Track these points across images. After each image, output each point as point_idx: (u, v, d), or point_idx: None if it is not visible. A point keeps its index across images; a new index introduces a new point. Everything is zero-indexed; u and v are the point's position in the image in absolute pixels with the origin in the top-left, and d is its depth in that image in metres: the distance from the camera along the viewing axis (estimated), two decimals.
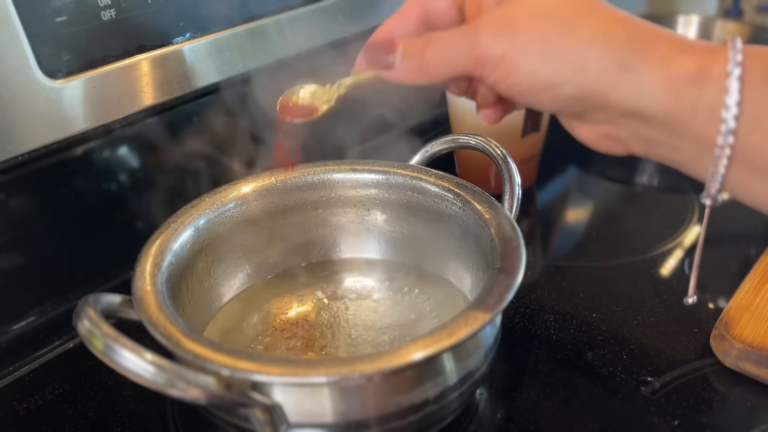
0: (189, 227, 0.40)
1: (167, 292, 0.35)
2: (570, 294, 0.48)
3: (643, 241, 0.54)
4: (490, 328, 0.35)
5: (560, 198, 0.64)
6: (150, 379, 0.28)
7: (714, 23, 0.88)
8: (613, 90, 0.28)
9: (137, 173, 0.50)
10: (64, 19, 0.42)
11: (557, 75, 0.28)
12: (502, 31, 0.29)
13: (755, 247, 0.51)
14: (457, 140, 0.46)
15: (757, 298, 0.44)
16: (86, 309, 0.30)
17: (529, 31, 0.28)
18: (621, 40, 0.28)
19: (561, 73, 0.28)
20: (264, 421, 0.30)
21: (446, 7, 0.33)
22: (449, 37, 0.30)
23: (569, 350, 0.43)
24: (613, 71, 0.28)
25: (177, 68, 0.49)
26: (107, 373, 0.42)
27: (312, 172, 0.46)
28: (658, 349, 0.43)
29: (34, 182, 0.45)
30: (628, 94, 0.28)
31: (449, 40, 0.30)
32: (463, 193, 0.41)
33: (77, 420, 0.40)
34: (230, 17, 0.51)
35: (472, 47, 0.29)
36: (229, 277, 0.45)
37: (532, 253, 0.54)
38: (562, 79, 0.28)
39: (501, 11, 0.29)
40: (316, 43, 0.58)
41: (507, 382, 0.41)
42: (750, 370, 0.40)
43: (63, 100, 0.43)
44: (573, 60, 0.28)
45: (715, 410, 0.39)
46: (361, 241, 0.48)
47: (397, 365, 0.29)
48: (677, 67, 0.27)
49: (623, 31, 0.28)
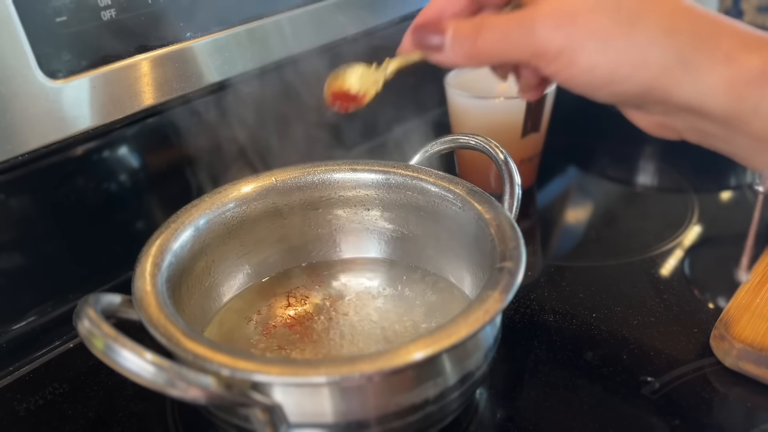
0: (189, 227, 0.40)
1: (167, 292, 0.35)
2: (570, 294, 0.48)
3: (643, 241, 0.54)
4: (490, 328, 0.35)
5: (560, 198, 0.64)
6: (150, 379, 0.28)
7: None
8: (674, 87, 0.28)
9: (137, 173, 0.50)
10: (64, 19, 0.42)
11: (618, 71, 0.28)
12: (562, 23, 0.28)
13: (755, 247, 0.51)
14: (457, 140, 0.46)
15: (757, 298, 0.44)
16: (86, 309, 0.30)
17: (590, 25, 0.28)
18: (684, 36, 0.27)
19: (621, 69, 0.28)
20: (264, 421, 0.30)
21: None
22: (505, 25, 0.29)
23: (569, 350, 0.43)
24: (675, 69, 0.27)
25: (177, 68, 0.49)
26: (107, 373, 0.42)
27: (312, 172, 0.46)
28: (658, 349, 0.43)
29: (34, 182, 0.45)
30: (689, 93, 0.28)
31: (505, 28, 0.29)
32: (463, 193, 0.41)
33: (77, 420, 0.40)
34: (230, 17, 0.51)
35: (528, 38, 0.29)
36: (229, 277, 0.45)
37: (532, 253, 0.54)
38: (623, 75, 0.28)
39: (558, 2, 0.28)
40: (316, 43, 0.58)
41: (507, 382, 0.41)
42: (750, 370, 0.40)
43: (63, 100, 0.43)
44: (634, 57, 0.27)
45: (715, 410, 0.39)
46: (361, 241, 0.48)
47: (397, 365, 0.29)
48: (741, 66, 0.27)
49: (687, 25, 0.27)
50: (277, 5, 0.54)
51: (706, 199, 0.60)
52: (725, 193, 0.61)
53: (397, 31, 0.66)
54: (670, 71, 0.27)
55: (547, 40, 0.28)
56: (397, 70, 0.34)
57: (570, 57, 0.28)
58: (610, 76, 0.28)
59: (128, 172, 0.50)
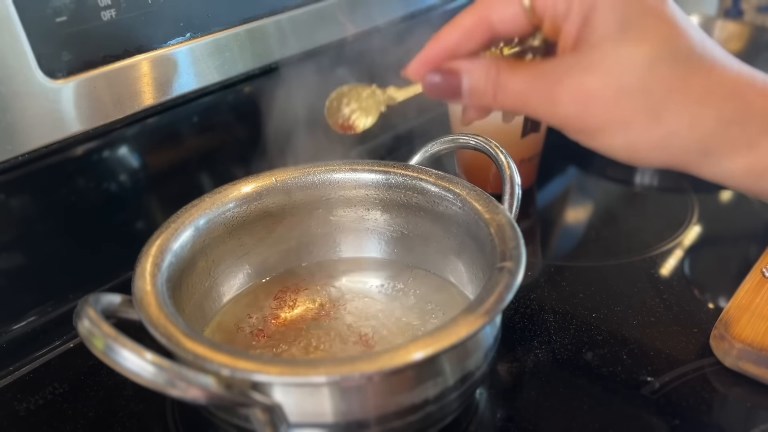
0: (189, 227, 0.40)
1: (167, 292, 0.35)
2: (570, 294, 0.48)
3: (643, 241, 0.54)
4: (490, 328, 0.35)
5: (560, 198, 0.64)
6: (150, 379, 0.28)
7: (714, 23, 0.88)
8: (693, 168, 0.29)
9: (137, 173, 0.50)
10: (64, 19, 0.42)
11: (642, 153, 0.29)
12: (582, 107, 0.28)
13: (755, 247, 0.51)
14: (457, 140, 0.46)
15: (757, 298, 0.44)
16: (86, 309, 0.30)
17: (613, 111, 0.28)
18: (708, 126, 0.27)
19: (646, 151, 0.28)
20: (264, 421, 0.30)
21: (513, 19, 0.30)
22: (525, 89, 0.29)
23: (569, 350, 0.43)
24: (695, 155, 0.28)
25: (177, 68, 0.49)
26: (107, 373, 0.42)
27: (312, 172, 0.46)
28: (658, 349, 0.43)
29: (34, 182, 0.44)
30: (708, 173, 0.29)
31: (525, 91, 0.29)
32: (463, 193, 0.41)
33: (77, 420, 0.40)
34: (230, 17, 0.51)
35: (549, 109, 0.29)
36: (229, 277, 0.45)
37: (532, 253, 0.54)
38: (647, 156, 0.29)
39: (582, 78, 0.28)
40: (316, 43, 0.58)
41: (507, 382, 0.41)
42: (750, 370, 0.40)
43: (63, 100, 0.43)
44: (654, 145, 0.28)
45: (715, 410, 0.39)
46: (361, 241, 0.48)
47: (397, 365, 0.29)
48: (762, 153, 0.27)
49: (713, 113, 0.27)
50: (277, 5, 0.54)
51: (706, 199, 0.60)
52: (725, 193, 0.61)
53: (397, 31, 0.66)
54: (692, 158, 0.28)
55: (570, 118, 0.29)
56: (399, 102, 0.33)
57: (593, 134, 0.29)
58: (633, 155, 0.29)
59: (128, 172, 0.50)
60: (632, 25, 0.27)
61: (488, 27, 0.30)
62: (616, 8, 0.27)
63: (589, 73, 0.28)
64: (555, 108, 0.29)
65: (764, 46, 0.83)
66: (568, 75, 0.28)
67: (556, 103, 0.28)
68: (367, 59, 0.53)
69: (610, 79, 0.27)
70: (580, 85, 0.28)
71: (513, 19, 0.29)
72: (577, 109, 0.28)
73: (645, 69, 0.27)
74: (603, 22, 0.27)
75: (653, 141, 0.28)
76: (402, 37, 0.66)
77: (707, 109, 0.27)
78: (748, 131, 0.27)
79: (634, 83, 0.27)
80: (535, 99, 0.29)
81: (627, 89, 0.27)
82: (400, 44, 0.62)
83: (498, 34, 0.30)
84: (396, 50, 0.64)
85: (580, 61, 0.28)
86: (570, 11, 0.28)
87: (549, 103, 0.29)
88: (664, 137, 0.28)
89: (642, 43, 0.27)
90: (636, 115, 0.28)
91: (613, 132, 0.28)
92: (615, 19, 0.27)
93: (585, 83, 0.28)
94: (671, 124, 0.27)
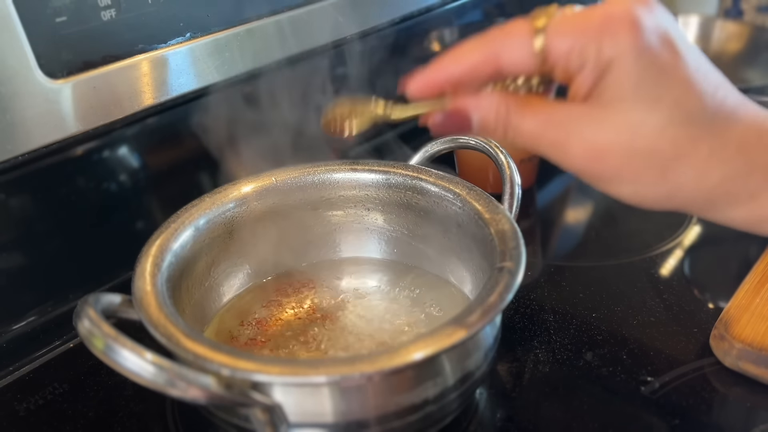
0: (189, 227, 0.40)
1: (167, 292, 0.35)
2: (570, 294, 0.48)
3: (643, 241, 0.54)
4: (490, 328, 0.35)
5: (560, 198, 0.64)
6: (150, 379, 0.28)
7: (714, 23, 0.88)
8: (695, 213, 0.31)
9: (137, 173, 0.50)
10: (64, 19, 0.42)
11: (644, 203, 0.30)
12: (592, 161, 0.29)
13: (755, 247, 0.51)
14: (457, 140, 0.46)
15: (757, 298, 0.44)
16: (86, 309, 0.30)
17: (620, 170, 0.29)
18: (713, 182, 0.28)
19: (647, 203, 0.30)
20: (264, 421, 0.30)
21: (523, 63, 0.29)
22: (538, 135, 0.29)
23: (569, 350, 0.43)
24: (699, 205, 0.30)
25: (177, 68, 0.49)
26: (107, 373, 0.42)
27: (312, 172, 0.46)
28: (658, 349, 0.43)
29: (34, 182, 0.44)
30: (709, 218, 0.30)
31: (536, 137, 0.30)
32: (463, 193, 0.41)
33: (77, 420, 0.40)
34: (230, 17, 0.51)
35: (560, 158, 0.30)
36: (229, 277, 0.45)
37: (532, 253, 0.54)
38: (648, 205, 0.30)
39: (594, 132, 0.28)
40: (316, 43, 0.58)
41: (507, 382, 0.41)
42: (750, 370, 0.40)
43: (63, 100, 0.43)
44: (661, 197, 0.29)
45: (715, 410, 0.39)
46: (361, 241, 0.48)
47: (397, 365, 0.29)
48: (762, 204, 0.29)
49: (718, 171, 0.28)
50: (277, 5, 0.54)
51: None
52: None
53: (397, 32, 0.66)
54: (695, 207, 0.30)
55: (580, 167, 0.29)
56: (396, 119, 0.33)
57: (600, 183, 0.30)
58: (637, 202, 0.30)
59: (128, 172, 0.50)
60: (646, 88, 0.27)
61: (496, 65, 0.29)
62: (631, 70, 0.27)
63: (600, 129, 0.28)
64: (565, 158, 0.29)
65: (764, 46, 0.84)
66: (579, 127, 0.29)
67: (566, 153, 0.29)
68: (369, 59, 0.53)
69: (621, 138, 0.28)
70: (592, 139, 0.28)
71: (523, 62, 0.29)
72: (587, 163, 0.29)
73: (656, 133, 0.28)
74: (618, 83, 0.27)
75: (660, 194, 0.29)
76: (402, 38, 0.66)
77: (713, 167, 0.28)
78: (751, 184, 0.28)
79: (645, 145, 0.28)
80: (546, 144, 0.30)
81: (637, 150, 0.28)
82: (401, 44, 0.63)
83: (504, 73, 0.30)
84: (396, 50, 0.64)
85: (592, 114, 0.28)
86: (584, 67, 0.28)
87: (560, 151, 0.29)
88: (670, 191, 0.29)
89: (655, 106, 0.27)
90: (644, 173, 0.28)
91: (621, 183, 0.29)
92: (630, 82, 0.27)
93: (596, 139, 0.28)
94: (678, 181, 0.28)
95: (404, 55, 0.67)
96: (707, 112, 0.28)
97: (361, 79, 0.53)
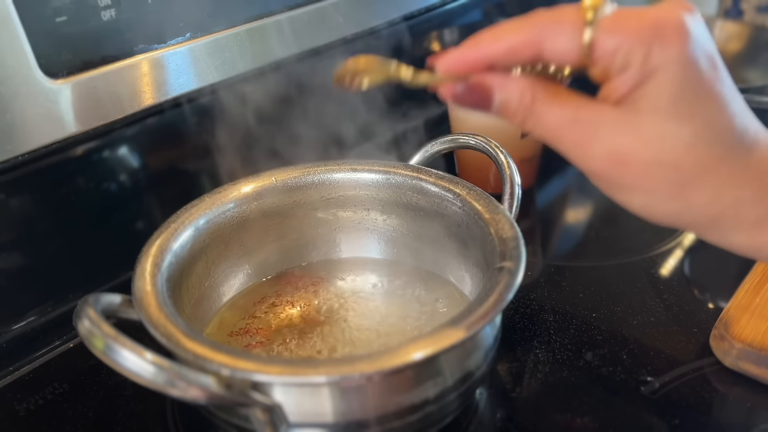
0: (189, 227, 0.40)
1: (167, 292, 0.35)
2: (570, 294, 0.48)
3: (643, 241, 0.54)
4: (490, 328, 0.35)
5: (560, 198, 0.64)
6: (150, 379, 0.28)
7: (714, 23, 0.88)
8: (698, 233, 0.31)
9: (137, 173, 0.50)
10: (64, 19, 0.42)
11: (651, 216, 0.30)
12: (612, 166, 0.28)
13: None
14: (457, 140, 0.46)
15: (757, 298, 0.44)
16: (86, 309, 0.30)
17: (638, 179, 0.28)
18: (724, 204, 0.28)
19: (655, 217, 0.30)
20: (264, 421, 0.30)
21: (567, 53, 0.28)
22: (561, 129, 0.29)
23: (569, 350, 0.43)
24: (704, 226, 0.30)
25: (177, 68, 0.49)
26: (107, 373, 0.42)
27: (312, 172, 0.46)
28: (658, 349, 0.43)
29: (34, 182, 0.45)
30: (710, 240, 0.30)
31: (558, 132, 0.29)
32: (463, 193, 0.41)
33: (77, 420, 0.40)
34: (230, 17, 0.51)
35: (578, 158, 0.29)
36: (229, 277, 0.45)
37: (532, 253, 0.54)
38: (655, 219, 0.30)
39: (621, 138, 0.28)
40: (316, 43, 0.58)
41: (507, 382, 0.41)
42: (750, 370, 0.40)
43: (63, 100, 0.43)
44: (670, 213, 0.29)
45: (715, 410, 0.39)
46: (361, 241, 0.48)
47: (397, 365, 0.29)
48: (764, 234, 0.29)
49: (732, 194, 0.28)
50: (277, 5, 0.54)
51: None
52: None
53: (397, 32, 0.66)
54: (699, 227, 0.30)
55: (599, 170, 0.29)
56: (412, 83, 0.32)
57: (617, 191, 0.30)
58: (645, 215, 0.30)
59: (128, 172, 0.50)
60: (684, 102, 0.27)
61: (537, 50, 0.28)
62: (674, 81, 0.27)
63: (627, 136, 0.28)
64: (585, 158, 0.29)
65: (764, 46, 0.84)
66: (605, 130, 0.28)
67: (587, 154, 0.29)
68: None
69: (647, 148, 0.28)
70: (616, 145, 0.28)
71: (568, 53, 0.28)
72: (606, 167, 0.29)
73: (683, 148, 0.27)
74: (656, 93, 0.27)
75: (671, 209, 0.29)
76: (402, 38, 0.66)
77: (728, 190, 0.28)
78: (758, 210, 0.28)
79: (669, 159, 0.28)
80: (568, 142, 0.29)
81: (661, 162, 0.28)
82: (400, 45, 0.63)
83: (544, 59, 0.29)
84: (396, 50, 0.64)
85: (623, 119, 0.28)
86: (627, 70, 0.27)
87: (580, 151, 0.29)
88: (682, 209, 0.29)
89: (688, 122, 0.27)
90: (662, 186, 0.28)
91: (634, 193, 0.29)
92: (670, 93, 0.27)
93: (621, 145, 0.28)
94: (691, 200, 0.28)
95: (404, 54, 0.67)
96: (735, 134, 0.28)
97: None
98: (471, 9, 0.77)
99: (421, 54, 0.71)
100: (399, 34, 0.66)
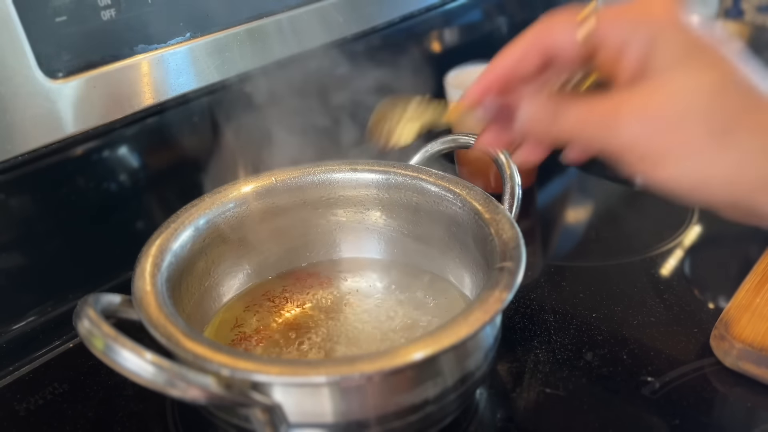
0: (189, 227, 0.40)
1: (167, 292, 0.35)
2: (570, 294, 0.48)
3: (643, 241, 0.54)
4: (490, 328, 0.35)
5: (560, 198, 0.64)
6: (150, 379, 0.28)
7: (714, 23, 0.88)
8: (760, 204, 0.27)
9: (137, 173, 0.50)
10: (64, 19, 0.42)
11: (706, 185, 0.27)
12: (648, 128, 0.27)
13: (755, 247, 0.51)
14: (457, 140, 0.46)
15: (757, 298, 0.44)
16: (86, 309, 0.30)
17: (680, 134, 0.26)
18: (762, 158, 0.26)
19: (711, 183, 0.27)
20: (264, 421, 0.30)
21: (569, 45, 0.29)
22: (584, 116, 0.29)
23: (569, 350, 0.43)
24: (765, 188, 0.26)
25: (177, 68, 0.49)
26: (107, 373, 0.42)
27: (312, 172, 0.46)
28: (658, 349, 0.43)
29: (34, 182, 0.45)
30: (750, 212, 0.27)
31: (584, 118, 0.29)
32: (463, 193, 0.41)
33: (77, 420, 0.40)
34: (230, 17, 0.51)
35: (610, 135, 0.28)
36: (229, 277, 0.45)
37: (532, 253, 0.54)
38: (711, 189, 0.27)
39: (646, 100, 0.27)
40: (316, 43, 0.58)
41: (507, 382, 0.41)
42: (750, 370, 0.40)
43: (63, 100, 0.43)
44: (726, 172, 0.27)
45: (715, 410, 0.39)
46: (361, 241, 0.48)
47: (397, 365, 0.29)
48: None
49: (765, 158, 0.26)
50: (277, 5, 0.54)
51: None
52: None
53: (397, 32, 0.66)
54: (761, 190, 0.27)
55: (631, 142, 0.27)
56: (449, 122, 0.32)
57: (655, 162, 0.27)
58: (697, 187, 0.27)
59: (128, 172, 0.50)
60: (697, 54, 0.27)
61: (543, 50, 0.30)
62: (678, 38, 0.27)
63: (653, 95, 0.27)
64: (615, 132, 0.28)
65: (764, 45, 0.83)
66: (630, 99, 0.28)
67: (619, 126, 0.27)
68: (369, 59, 0.53)
69: (675, 100, 0.26)
70: (644, 106, 0.27)
71: (569, 48, 0.29)
72: (639, 132, 0.27)
73: (712, 94, 0.26)
74: (667, 50, 0.27)
75: (723, 170, 0.26)
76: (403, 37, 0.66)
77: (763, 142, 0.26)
78: None
79: (701, 106, 0.26)
80: (594, 123, 0.28)
81: (693, 111, 0.26)
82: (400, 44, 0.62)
83: (552, 59, 0.30)
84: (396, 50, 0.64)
85: (642, 87, 0.27)
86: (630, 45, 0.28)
87: (609, 127, 0.28)
88: (733, 167, 0.26)
89: (708, 70, 0.27)
90: (702, 140, 0.26)
91: (677, 159, 0.27)
92: (679, 48, 0.27)
93: (649, 105, 0.27)
94: (742, 148, 0.26)
95: (405, 54, 0.67)
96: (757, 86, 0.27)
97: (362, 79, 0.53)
98: (471, 9, 0.77)
99: (421, 54, 0.71)
100: (399, 34, 0.66)
